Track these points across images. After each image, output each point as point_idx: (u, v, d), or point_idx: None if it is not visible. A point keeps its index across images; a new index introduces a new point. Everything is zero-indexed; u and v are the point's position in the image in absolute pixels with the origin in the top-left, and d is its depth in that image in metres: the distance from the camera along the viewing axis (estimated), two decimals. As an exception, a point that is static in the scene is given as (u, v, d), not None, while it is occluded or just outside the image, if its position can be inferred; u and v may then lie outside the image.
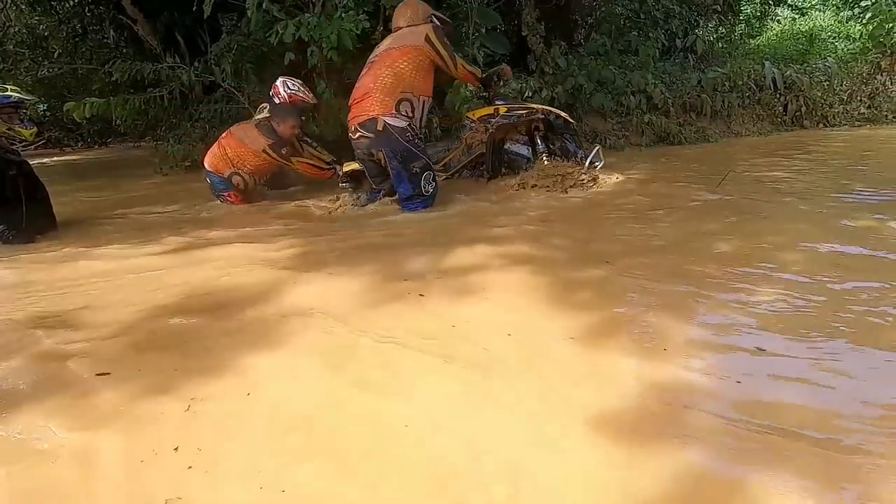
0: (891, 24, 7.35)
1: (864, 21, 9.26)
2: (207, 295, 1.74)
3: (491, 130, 3.27)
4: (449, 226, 2.54)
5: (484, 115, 3.40)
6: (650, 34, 5.95)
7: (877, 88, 6.94)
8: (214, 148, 3.45)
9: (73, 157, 8.93)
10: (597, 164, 3.29)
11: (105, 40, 7.78)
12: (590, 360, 1.18)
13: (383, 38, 3.13)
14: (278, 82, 3.42)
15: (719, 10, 7.52)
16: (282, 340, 1.36)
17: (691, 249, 1.92)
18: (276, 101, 3.37)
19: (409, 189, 2.76)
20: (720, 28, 8.42)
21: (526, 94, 5.16)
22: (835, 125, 6.31)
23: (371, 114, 2.71)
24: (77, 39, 7.93)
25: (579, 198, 2.89)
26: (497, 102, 3.41)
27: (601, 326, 1.33)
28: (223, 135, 3.48)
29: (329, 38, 3.99)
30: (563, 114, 3.43)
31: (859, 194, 2.69)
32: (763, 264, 1.71)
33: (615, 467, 0.84)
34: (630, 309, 1.42)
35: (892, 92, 6.98)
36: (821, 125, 6.35)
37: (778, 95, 6.35)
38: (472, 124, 3.48)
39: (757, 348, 1.16)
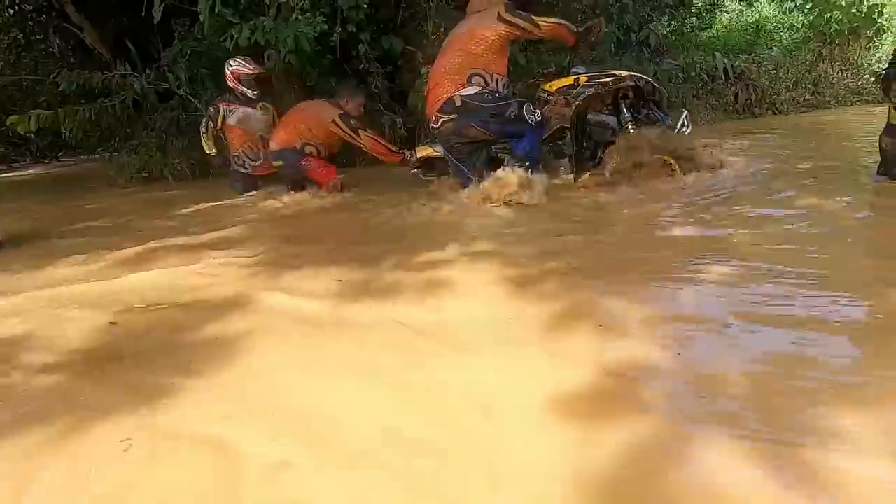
0: (829, 14, 7.75)
1: (805, 11, 9.74)
2: (164, 308, 1.70)
3: (577, 102, 2.94)
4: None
5: (562, 87, 3.14)
6: (605, 28, 6.09)
7: (819, 76, 7.29)
8: (279, 129, 3.62)
9: (22, 173, 8.52)
10: (685, 130, 3.11)
11: (50, 50, 7.44)
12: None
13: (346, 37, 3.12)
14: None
15: (671, 4, 7.76)
16: (243, 355, 1.34)
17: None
18: (229, 84, 3.71)
19: (520, 127, 2.74)
20: (672, 22, 8.68)
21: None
22: (782, 112, 6.60)
23: (445, 95, 2.70)
24: (20, 50, 7.56)
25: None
26: (575, 71, 3.22)
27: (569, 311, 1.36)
28: (287, 114, 3.66)
29: (286, 41, 3.94)
30: (650, 79, 3.22)
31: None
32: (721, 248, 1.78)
33: (571, 443, 0.88)
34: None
35: (833, 79, 7.34)
36: (769, 112, 6.62)
37: (729, 85, 6.60)
38: (550, 97, 3.18)
39: (723, 325, 1.22)
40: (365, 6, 4.50)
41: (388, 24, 5.15)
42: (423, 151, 3.25)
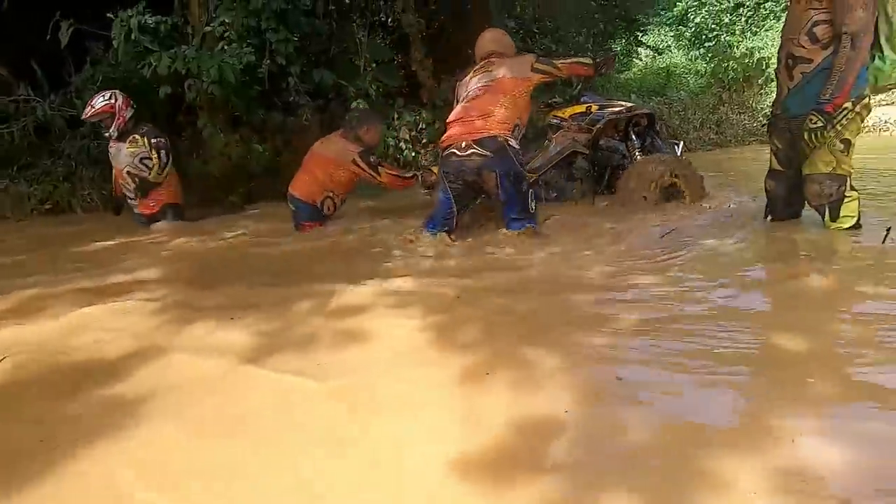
0: (726, 63, 8.70)
1: (707, 60, 10.88)
2: (41, 368, 1.52)
3: (599, 126, 3.29)
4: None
5: (576, 114, 3.41)
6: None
7: (721, 117, 8.09)
8: (302, 175, 3.29)
9: None
10: (682, 158, 3.43)
11: (-60, 69, 6.74)
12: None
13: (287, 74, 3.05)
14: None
15: (591, 49, 8.35)
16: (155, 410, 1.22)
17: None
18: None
19: (516, 209, 2.72)
20: (594, 64, 9.32)
21: (420, 126, 5.28)
22: (691, 149, 7.20)
23: (492, 132, 2.67)
24: None
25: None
26: (585, 99, 3.47)
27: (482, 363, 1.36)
28: (307, 157, 3.35)
29: (209, 71, 3.81)
30: (653, 111, 3.65)
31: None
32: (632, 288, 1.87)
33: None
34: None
35: (733, 120, 8.19)
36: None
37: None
38: (564, 122, 3.43)
39: (617, 377, 1.26)
40: (295, 39, 4.48)
41: (319, 57, 5.14)
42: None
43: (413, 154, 5.05)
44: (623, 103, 3.54)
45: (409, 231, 2.94)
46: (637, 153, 3.43)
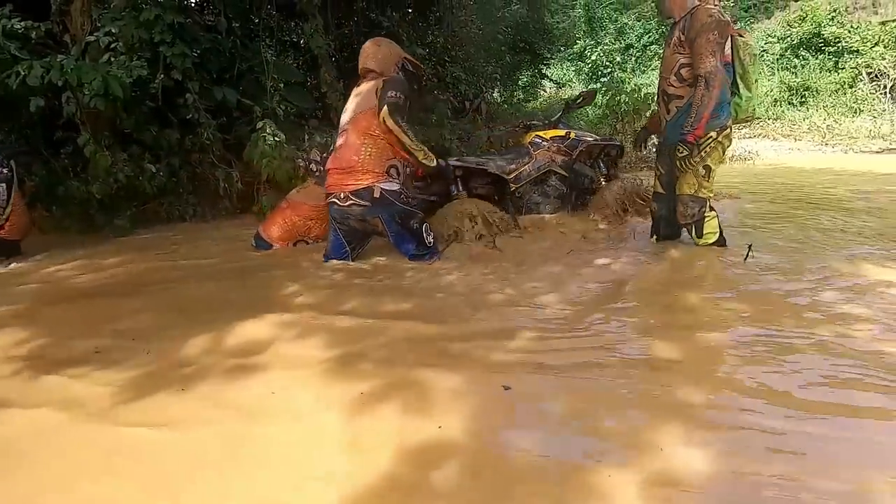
0: (619, 97, 9.56)
1: (602, 93, 11.89)
2: None
3: (580, 149, 3.68)
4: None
5: (556, 137, 3.72)
6: (441, 96, 6.63)
7: (617, 146, 8.79)
8: (273, 221, 3.28)
9: None
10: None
11: None
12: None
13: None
14: None
15: (499, 78, 8.80)
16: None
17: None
18: None
19: (413, 247, 2.74)
20: (503, 93, 9.82)
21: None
22: (592, 174, 7.70)
23: (364, 183, 2.63)
24: None
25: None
26: (563, 125, 3.81)
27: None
28: (283, 205, 3.35)
29: (92, 84, 3.47)
30: (620, 143, 4.14)
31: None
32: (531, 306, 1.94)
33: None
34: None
35: (626, 149, 8.95)
36: (582, 174, 7.71)
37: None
38: (545, 142, 3.69)
39: (504, 386, 1.29)
40: (194, 55, 4.24)
41: (222, 74, 4.91)
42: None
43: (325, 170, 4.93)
44: (592, 134, 4.03)
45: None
46: (602, 180, 3.85)
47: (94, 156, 3.75)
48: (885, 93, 12.18)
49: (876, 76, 12.55)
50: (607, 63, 12.79)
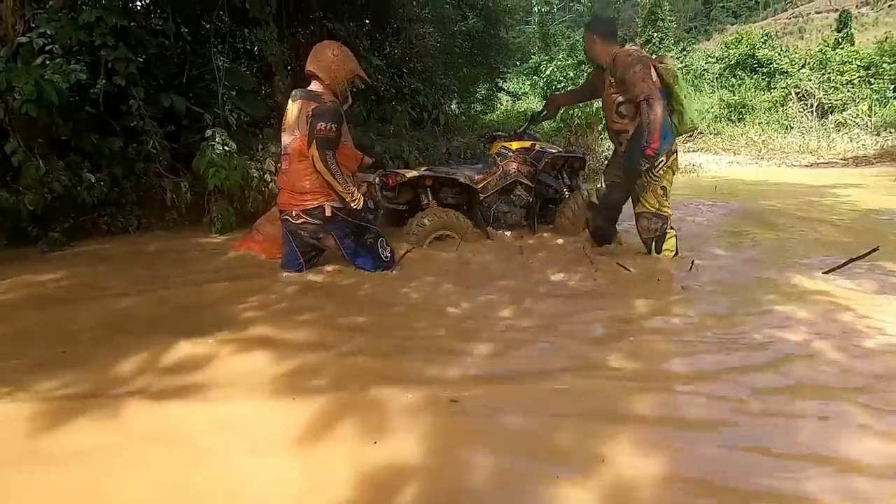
0: (573, 111, 9.91)
1: (558, 107, 12.30)
2: None
3: (546, 161, 3.72)
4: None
5: (522, 148, 3.76)
6: (398, 107, 6.64)
7: (571, 157, 9.07)
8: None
9: None
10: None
11: None
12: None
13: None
14: None
15: (456, 90, 8.90)
16: None
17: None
18: None
19: (369, 262, 2.70)
20: (461, 105, 9.93)
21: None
22: (547, 185, 7.90)
23: (314, 203, 2.57)
24: None
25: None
26: (529, 136, 3.89)
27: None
28: (256, 236, 3.27)
29: (23, 87, 3.26)
30: (582, 155, 4.23)
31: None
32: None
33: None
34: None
35: (588, 161, 9.27)
36: (538, 185, 7.90)
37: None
38: (511, 154, 3.73)
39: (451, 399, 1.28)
40: (139, 60, 4.07)
41: (170, 80, 4.72)
42: (410, 174, 3.30)
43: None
44: (556, 146, 4.11)
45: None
46: (565, 191, 3.93)
47: (25, 165, 3.51)
48: (812, 111, 13.17)
49: (804, 96, 13.56)
50: (561, 78, 13.20)
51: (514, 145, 3.83)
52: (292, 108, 2.62)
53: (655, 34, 20.26)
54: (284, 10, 5.84)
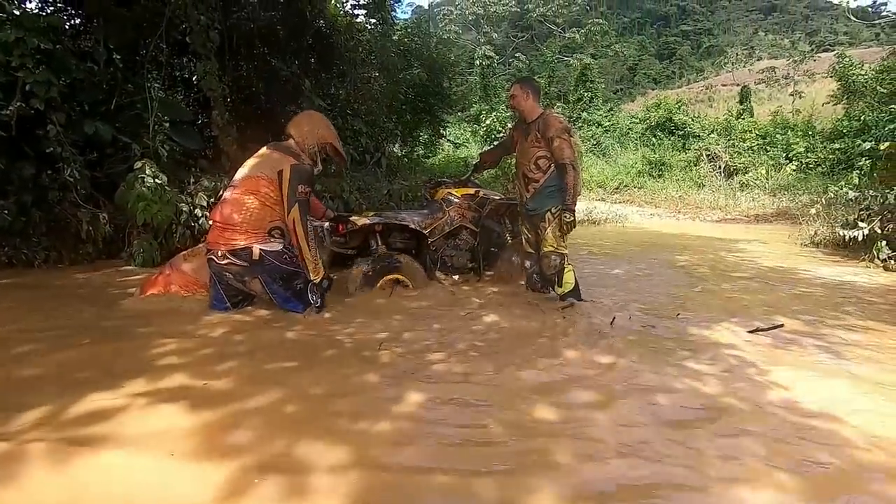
0: (510, 160, 10.44)
1: (497, 155, 12.89)
2: None
3: (490, 207, 3.86)
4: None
5: (467, 194, 3.89)
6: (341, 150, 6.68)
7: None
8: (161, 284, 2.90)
9: None
10: None
11: None
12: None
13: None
14: None
15: (399, 134, 9.10)
16: None
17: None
18: None
19: (299, 306, 2.64)
20: (404, 148, 10.13)
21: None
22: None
23: (242, 243, 2.52)
24: None
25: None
26: (473, 184, 4.03)
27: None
28: (166, 270, 2.96)
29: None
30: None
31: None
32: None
33: None
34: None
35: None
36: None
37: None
38: (456, 199, 3.84)
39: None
40: (62, 84, 3.85)
41: (96, 107, 4.49)
42: (360, 221, 3.28)
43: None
44: (499, 194, 4.29)
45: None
46: (508, 236, 4.06)
47: None
48: (720, 172, 14.67)
49: (713, 158, 15.10)
50: (500, 127, 13.88)
51: (459, 192, 3.95)
52: (271, 155, 2.68)
53: (586, 93, 21.95)
54: (227, 45, 5.80)
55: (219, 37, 4.82)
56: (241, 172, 2.69)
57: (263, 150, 2.77)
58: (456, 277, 3.78)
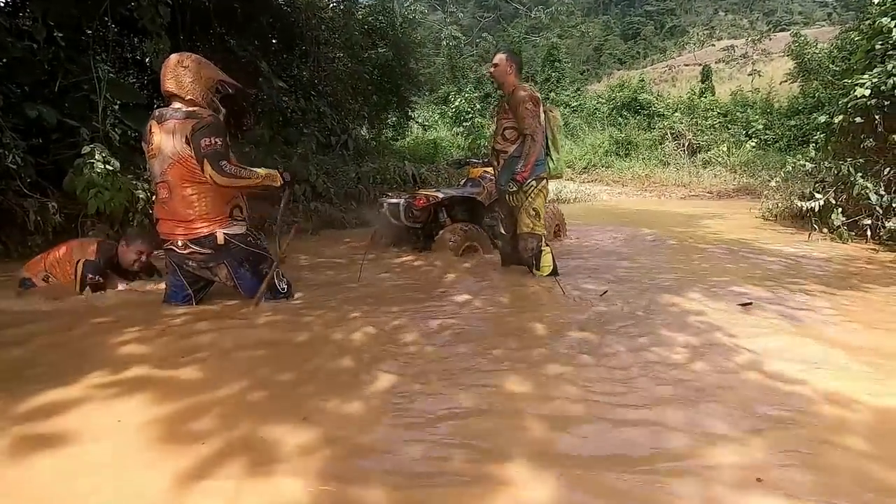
0: (480, 140, 10.41)
1: (465, 136, 12.82)
2: None
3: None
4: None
5: (483, 174, 4.29)
6: (305, 130, 6.50)
7: (478, 185, 9.41)
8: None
9: None
10: None
11: None
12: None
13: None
14: None
15: (366, 116, 8.92)
16: None
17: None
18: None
19: (268, 294, 2.53)
20: (371, 131, 9.94)
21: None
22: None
23: (205, 230, 2.36)
24: None
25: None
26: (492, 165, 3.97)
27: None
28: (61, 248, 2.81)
29: None
30: None
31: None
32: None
33: None
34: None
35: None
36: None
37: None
38: (490, 176, 4.05)
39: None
40: (-2, 63, 3.58)
41: (38, 88, 4.21)
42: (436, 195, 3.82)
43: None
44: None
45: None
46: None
47: None
48: (684, 150, 15.00)
49: (677, 136, 15.42)
50: (469, 109, 13.78)
51: (491, 170, 4.16)
52: (163, 132, 2.31)
53: (553, 73, 22.00)
54: (180, 23, 5.51)
55: (169, 12, 4.56)
56: (158, 165, 2.34)
57: (153, 128, 2.34)
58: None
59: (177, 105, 2.36)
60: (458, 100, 14.20)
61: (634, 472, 1.15)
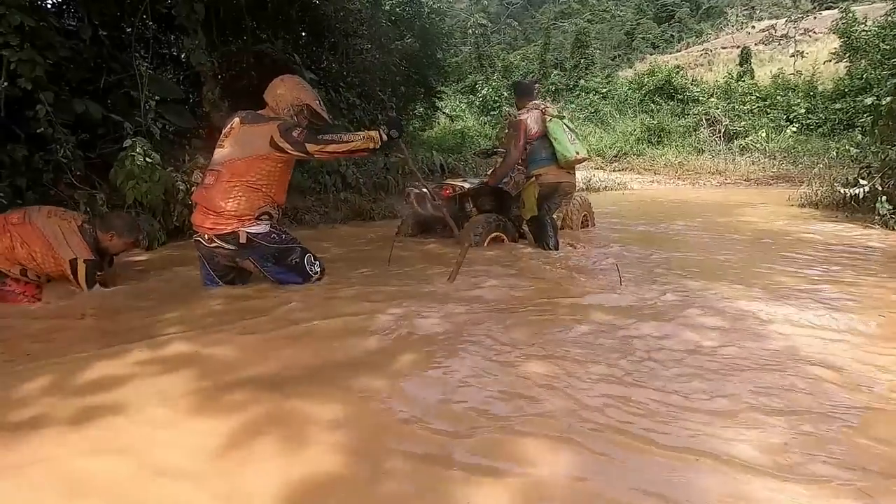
0: (506, 130, 10.34)
1: (493, 125, 12.74)
2: None
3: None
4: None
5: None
6: (335, 122, 6.60)
7: (506, 175, 9.36)
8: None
9: None
10: None
11: None
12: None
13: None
14: None
15: (394, 107, 8.98)
16: None
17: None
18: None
19: (298, 279, 2.63)
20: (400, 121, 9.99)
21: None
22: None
23: (228, 228, 2.45)
24: None
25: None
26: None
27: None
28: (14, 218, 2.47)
29: None
30: None
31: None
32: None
33: None
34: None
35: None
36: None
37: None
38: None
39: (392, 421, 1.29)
40: (48, 62, 3.78)
41: (84, 85, 4.43)
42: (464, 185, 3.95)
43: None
44: None
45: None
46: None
47: None
48: (720, 136, 14.52)
49: (713, 122, 14.92)
50: (496, 98, 13.69)
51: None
52: (251, 129, 2.48)
53: (583, 60, 21.54)
54: (214, 19, 5.67)
55: (204, 9, 4.71)
56: (221, 154, 2.51)
57: (236, 122, 2.54)
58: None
59: (264, 110, 2.62)
60: (486, 88, 14.13)
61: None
